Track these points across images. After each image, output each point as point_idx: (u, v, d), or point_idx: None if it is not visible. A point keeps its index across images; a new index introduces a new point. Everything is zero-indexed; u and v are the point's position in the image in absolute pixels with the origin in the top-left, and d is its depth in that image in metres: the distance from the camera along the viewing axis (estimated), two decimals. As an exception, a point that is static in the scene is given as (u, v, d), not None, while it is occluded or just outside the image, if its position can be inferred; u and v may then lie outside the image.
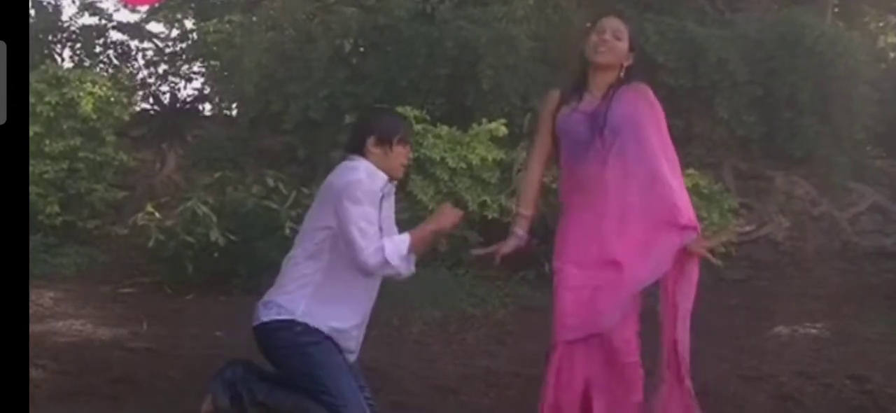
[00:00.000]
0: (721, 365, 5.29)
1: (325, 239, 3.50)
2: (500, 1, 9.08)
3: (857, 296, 7.55)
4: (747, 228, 8.76)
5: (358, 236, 3.38)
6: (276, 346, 3.49)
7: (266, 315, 3.51)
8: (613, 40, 3.58)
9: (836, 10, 10.86)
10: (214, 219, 7.14)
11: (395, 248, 3.43)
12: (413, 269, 3.59)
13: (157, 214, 7.46)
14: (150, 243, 7.21)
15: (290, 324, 3.45)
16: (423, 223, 3.69)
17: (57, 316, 6.18)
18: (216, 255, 7.07)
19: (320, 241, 3.51)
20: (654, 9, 9.35)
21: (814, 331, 6.42)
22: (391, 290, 6.83)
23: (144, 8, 10.89)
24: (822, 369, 5.35)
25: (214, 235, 7.04)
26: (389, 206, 3.66)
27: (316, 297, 3.47)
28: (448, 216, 3.62)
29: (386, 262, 3.40)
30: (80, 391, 4.59)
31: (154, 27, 11.15)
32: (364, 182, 3.47)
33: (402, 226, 7.15)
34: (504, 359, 5.56)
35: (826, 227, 9.13)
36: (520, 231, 3.70)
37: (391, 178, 3.63)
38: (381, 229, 3.52)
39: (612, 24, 3.61)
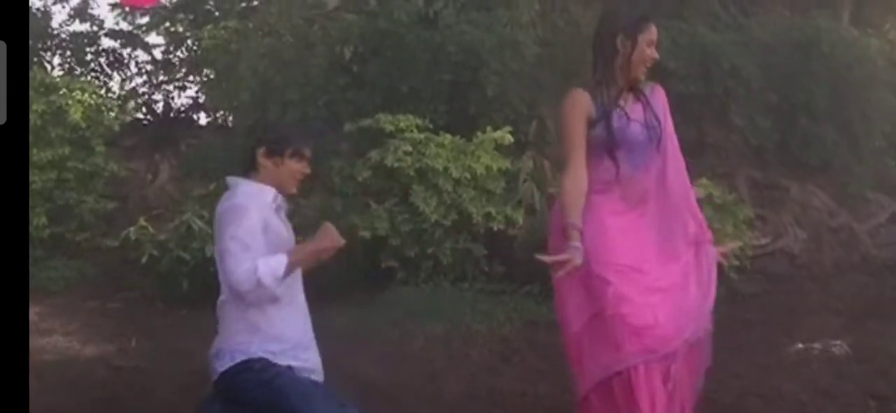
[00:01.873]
0: (738, 383, 5.19)
1: None
2: (505, 5, 9.00)
3: (878, 311, 7.43)
4: (762, 241, 8.66)
5: (228, 259, 3.26)
6: (242, 390, 3.37)
7: (221, 365, 3.40)
8: (655, 49, 3.63)
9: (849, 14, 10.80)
10: (210, 233, 7.04)
11: (270, 269, 3.28)
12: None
13: (150, 229, 7.37)
14: (144, 259, 7.13)
15: (247, 364, 3.35)
16: (302, 243, 3.53)
17: (42, 332, 6.09)
18: (211, 269, 6.96)
19: None
20: (666, 14, 9.25)
21: (834, 348, 6.29)
22: (391, 305, 6.85)
23: (147, 7, 10.83)
24: (844, 389, 5.24)
25: (210, 251, 6.94)
26: (282, 220, 3.52)
27: (256, 331, 3.37)
28: (329, 238, 3.44)
29: (259, 284, 3.26)
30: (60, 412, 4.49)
31: (144, 32, 11.07)
32: (236, 207, 3.35)
33: (404, 238, 7.21)
34: (509, 377, 5.48)
35: (844, 238, 9.03)
36: (579, 244, 3.36)
37: (282, 193, 3.50)
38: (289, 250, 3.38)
39: (656, 35, 3.64)
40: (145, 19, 11.02)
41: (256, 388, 3.33)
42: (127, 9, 11.40)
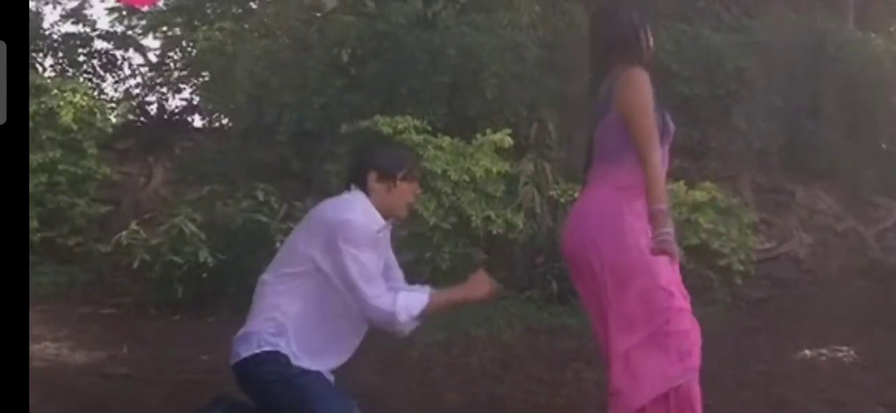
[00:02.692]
0: (744, 392, 5.15)
1: (307, 271, 3.31)
2: (505, 7, 8.99)
3: (885, 317, 7.38)
4: (767, 245, 8.66)
5: (362, 282, 3.23)
6: (262, 381, 3.29)
7: (246, 350, 3.31)
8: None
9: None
10: (203, 237, 7.02)
11: (407, 306, 3.25)
12: (417, 325, 3.38)
13: (142, 233, 7.32)
14: (135, 264, 7.08)
15: (275, 355, 3.27)
16: (451, 288, 3.50)
17: (32, 338, 5.96)
18: (205, 275, 6.95)
19: (301, 272, 3.32)
20: (668, 15, 9.24)
21: (840, 354, 6.26)
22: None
23: (144, 8, 10.79)
24: (853, 396, 5.20)
25: (203, 256, 6.93)
26: (386, 248, 3.48)
27: (297, 333, 3.30)
28: (482, 286, 3.41)
29: (393, 318, 3.23)
30: (47, 421, 4.42)
31: (139, 33, 11.02)
32: (357, 222, 3.30)
33: (400, 243, 7.14)
34: (510, 384, 5.43)
35: (851, 243, 9.01)
36: (672, 230, 3.17)
37: (393, 218, 3.46)
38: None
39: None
40: (142, 21, 10.97)
41: (277, 382, 3.26)
42: (123, 11, 11.39)
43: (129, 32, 10.97)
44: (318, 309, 3.31)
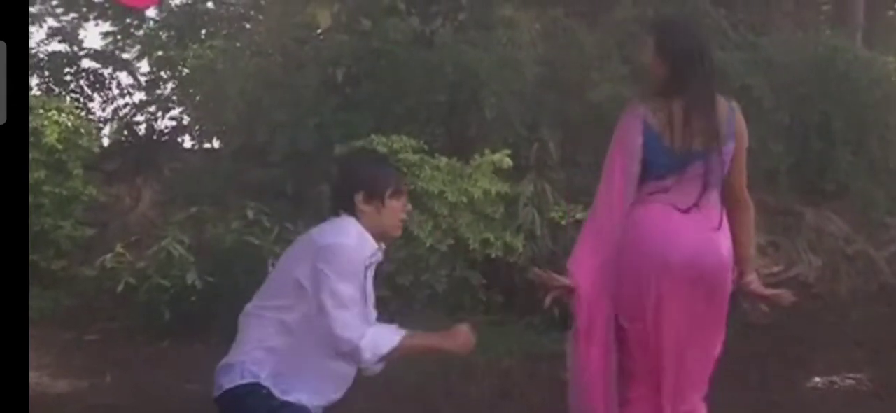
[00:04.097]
0: (752, 421, 5.07)
1: (296, 301, 3.24)
2: (505, 24, 8.97)
3: (898, 343, 7.33)
4: (775, 269, 8.61)
5: (333, 307, 3.15)
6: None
7: (229, 381, 3.24)
8: (641, 50, 3.56)
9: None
10: (192, 260, 6.97)
11: (375, 344, 3.18)
12: (379, 370, 3.33)
13: (127, 256, 7.27)
14: (120, 288, 7.02)
15: (257, 387, 3.20)
16: (428, 335, 3.43)
17: (13, 366, 5.94)
18: (193, 298, 6.89)
19: (289, 304, 3.25)
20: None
21: (854, 383, 6.23)
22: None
23: (145, 7, 10.81)
24: (867, 427, 5.13)
25: (191, 278, 6.87)
26: (368, 278, 3.41)
27: (282, 364, 3.23)
28: (461, 341, 3.34)
29: (357, 352, 3.16)
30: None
31: (129, 53, 11.04)
32: (350, 248, 3.23)
33: (397, 265, 7.09)
34: (510, 413, 5.36)
35: (861, 266, 8.97)
36: None
37: (385, 240, 3.39)
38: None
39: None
40: (136, 47, 11.02)
41: None
42: (118, 35, 11.45)
43: (117, 52, 10.98)
44: (307, 341, 3.23)
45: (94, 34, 12.17)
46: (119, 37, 11.66)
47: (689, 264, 3.32)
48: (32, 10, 10.61)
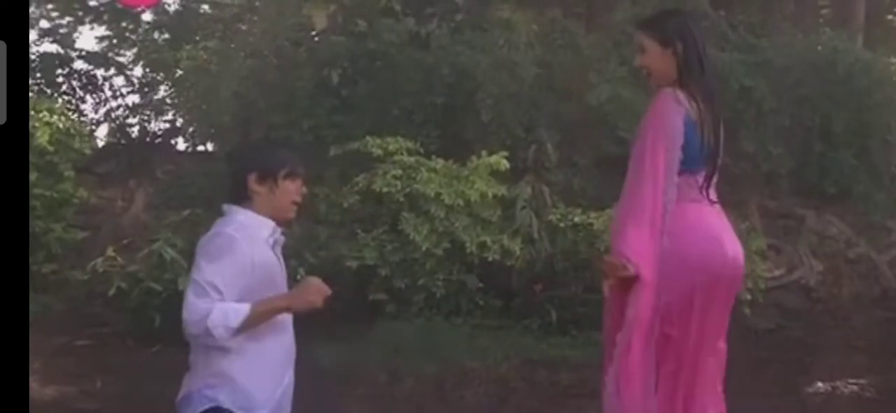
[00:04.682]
0: (755, 427, 5.02)
1: None
2: (502, 25, 8.94)
3: (901, 348, 7.32)
4: (776, 272, 8.57)
5: (187, 295, 3.07)
6: None
7: (190, 412, 3.20)
8: (639, 55, 3.40)
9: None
10: (184, 264, 6.91)
11: (223, 317, 3.11)
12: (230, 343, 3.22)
13: (118, 259, 7.21)
14: (111, 292, 6.96)
15: (217, 411, 3.15)
16: (276, 295, 3.35)
17: (1, 371, 5.88)
18: (186, 303, 6.82)
19: None
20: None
21: (855, 387, 6.21)
22: (379, 341, 6.68)
23: (147, 6, 10.78)
24: (870, 433, 5.09)
25: (183, 283, 6.78)
26: (277, 256, 3.33)
27: (232, 378, 3.17)
28: (311, 295, 3.22)
29: (207, 331, 3.09)
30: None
31: (123, 55, 11.01)
32: (224, 234, 3.17)
33: (393, 268, 7.05)
34: (507, 419, 5.32)
35: (863, 270, 8.93)
36: None
37: (280, 221, 3.32)
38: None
39: (635, 40, 3.46)
40: (133, 50, 11.00)
41: None
42: (114, 39, 11.42)
43: (111, 54, 10.95)
44: (245, 344, 3.17)
45: (89, 38, 12.16)
46: (115, 40, 11.64)
47: (730, 268, 3.28)
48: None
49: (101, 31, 11.79)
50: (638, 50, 3.42)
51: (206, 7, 12.27)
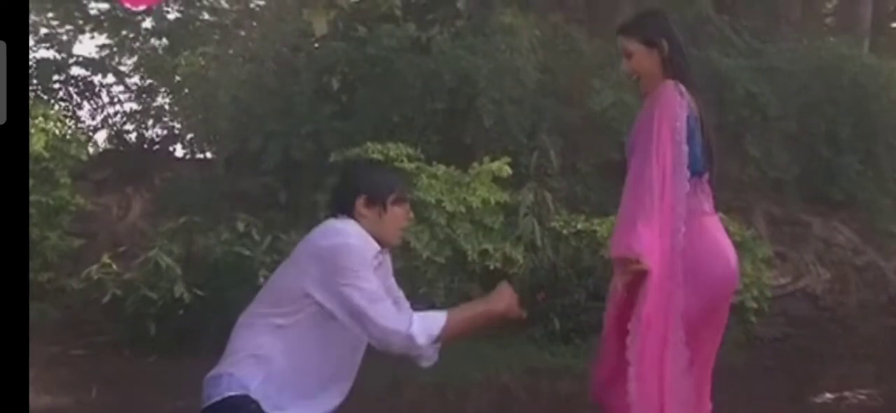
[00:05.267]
0: (760, 437, 4.98)
1: (297, 310, 3.12)
2: (504, 30, 8.91)
3: (909, 357, 7.29)
4: (782, 280, 8.55)
5: (369, 307, 3.02)
6: None
7: (217, 393, 3.11)
8: (626, 60, 3.37)
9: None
10: (179, 271, 6.88)
11: (425, 327, 3.06)
12: (436, 357, 3.19)
13: (114, 267, 7.17)
14: (106, 299, 6.93)
15: (245, 400, 3.07)
16: (472, 304, 3.30)
17: (-6, 382, 5.82)
18: (181, 312, 6.79)
19: (288, 312, 3.13)
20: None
21: (863, 396, 6.17)
22: (380, 351, 6.61)
23: (141, 8, 10.76)
24: (878, 444, 5.05)
25: (179, 290, 6.78)
26: (386, 276, 3.30)
27: (275, 374, 3.10)
28: (507, 300, 3.22)
29: (411, 340, 3.03)
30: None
31: (120, 60, 10.98)
32: (354, 245, 3.11)
33: (394, 276, 6.98)
34: (509, 431, 5.27)
35: (870, 278, 8.92)
36: None
37: (384, 246, 3.26)
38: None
39: (619, 46, 3.41)
40: (133, 58, 10.99)
41: None
42: (113, 46, 11.41)
43: (107, 59, 10.92)
44: (304, 348, 3.11)
45: (89, 46, 12.14)
46: (115, 49, 11.62)
47: (734, 285, 3.31)
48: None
49: (103, 39, 11.76)
50: (624, 56, 3.38)
51: (205, 14, 12.24)
